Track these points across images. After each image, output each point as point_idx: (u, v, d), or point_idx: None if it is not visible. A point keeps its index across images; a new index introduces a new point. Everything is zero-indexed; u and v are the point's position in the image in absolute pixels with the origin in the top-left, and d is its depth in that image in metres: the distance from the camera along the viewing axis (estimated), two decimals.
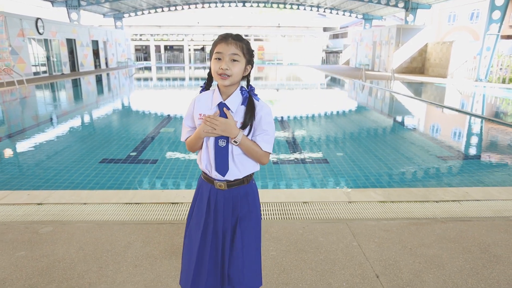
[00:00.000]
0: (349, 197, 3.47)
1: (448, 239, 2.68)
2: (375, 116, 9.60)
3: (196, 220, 1.65)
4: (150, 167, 4.77)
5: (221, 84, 1.52)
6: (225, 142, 1.53)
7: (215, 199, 1.60)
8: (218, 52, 1.47)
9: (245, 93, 1.55)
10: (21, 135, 6.66)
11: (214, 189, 1.60)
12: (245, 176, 1.60)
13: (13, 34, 16.71)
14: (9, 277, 2.21)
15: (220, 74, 1.47)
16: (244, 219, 1.62)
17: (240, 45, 1.49)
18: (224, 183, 1.57)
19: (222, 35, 1.51)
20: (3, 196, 3.43)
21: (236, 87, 1.56)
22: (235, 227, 1.60)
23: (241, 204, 1.61)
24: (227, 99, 1.54)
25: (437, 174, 4.70)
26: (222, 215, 1.60)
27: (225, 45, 1.47)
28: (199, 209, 1.65)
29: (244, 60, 1.50)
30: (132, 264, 2.35)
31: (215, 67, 1.48)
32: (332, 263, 2.39)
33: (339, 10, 31.25)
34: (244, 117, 1.52)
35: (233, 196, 1.60)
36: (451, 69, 20.00)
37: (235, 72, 1.48)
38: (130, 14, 31.22)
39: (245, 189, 1.62)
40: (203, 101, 1.59)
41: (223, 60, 1.46)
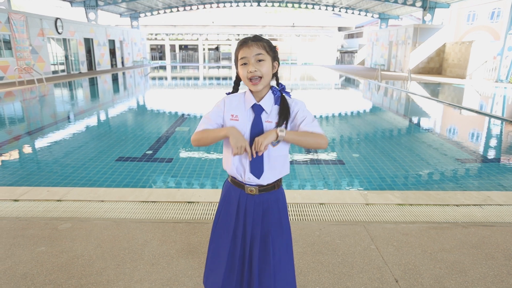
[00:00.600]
0: (366, 199, 3.41)
1: (470, 245, 2.61)
2: (391, 117, 9.45)
3: (225, 225, 1.61)
4: (165, 165, 4.80)
5: (254, 90, 1.49)
6: None
7: (245, 205, 1.56)
8: (243, 57, 1.45)
9: (277, 92, 1.53)
10: (40, 133, 6.80)
11: (244, 194, 1.56)
12: (276, 180, 1.57)
13: (34, 33, 17.12)
14: (30, 271, 2.25)
15: (251, 79, 1.45)
16: (275, 226, 1.58)
17: (262, 44, 1.46)
18: (256, 188, 1.53)
19: (241, 41, 1.48)
20: (24, 192, 3.51)
21: (268, 88, 1.53)
22: (266, 233, 1.57)
23: (272, 210, 1.58)
24: (260, 101, 1.51)
25: (457, 177, 4.59)
26: (251, 221, 1.56)
27: (247, 48, 1.45)
28: (228, 215, 1.61)
29: (270, 57, 1.48)
30: (149, 263, 2.36)
31: (243, 72, 1.46)
32: (350, 266, 2.35)
33: (354, 10, 30.92)
34: (279, 116, 1.48)
35: (264, 202, 1.56)
36: (470, 70, 19.54)
37: (264, 71, 1.45)
38: (146, 13, 31.62)
39: (275, 195, 1.59)
40: (234, 102, 1.55)
41: (249, 63, 1.44)
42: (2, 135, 6.66)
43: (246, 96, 1.53)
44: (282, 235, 1.60)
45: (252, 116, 1.50)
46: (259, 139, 1.41)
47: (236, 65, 1.52)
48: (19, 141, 6.22)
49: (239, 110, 1.52)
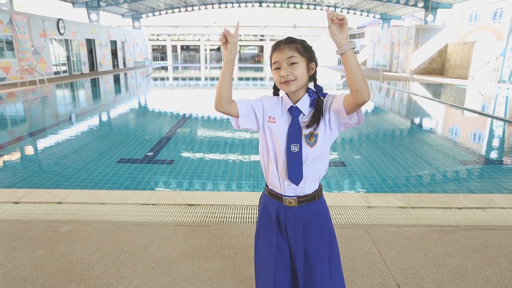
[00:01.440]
0: (368, 202, 3.39)
1: (473, 249, 2.58)
2: (393, 118, 9.42)
3: (266, 243, 1.51)
4: (166, 167, 4.79)
5: (288, 91, 1.43)
6: (298, 147, 1.41)
7: (284, 218, 1.47)
8: (275, 62, 1.41)
9: (313, 94, 1.45)
10: (42, 134, 6.81)
11: (282, 207, 1.47)
12: (317, 188, 1.49)
13: (36, 34, 17.16)
14: (29, 275, 2.24)
15: (283, 82, 1.40)
16: (316, 237, 1.48)
17: (294, 47, 1.39)
18: (295, 200, 1.45)
19: (274, 44, 1.44)
20: (25, 194, 3.50)
21: (304, 91, 1.45)
22: (308, 248, 1.47)
23: (313, 222, 1.48)
24: (298, 103, 1.45)
25: (459, 180, 4.56)
26: (293, 235, 1.47)
27: (278, 52, 1.40)
28: (267, 230, 1.52)
29: (303, 59, 1.40)
30: (149, 266, 2.35)
31: (276, 77, 1.42)
32: (352, 271, 2.33)
33: (356, 10, 30.88)
34: (311, 118, 1.42)
35: (304, 214, 1.47)
36: (472, 70, 19.47)
37: (298, 74, 1.39)
38: (148, 14, 31.67)
39: (316, 205, 1.49)
40: (273, 103, 1.50)
41: (282, 67, 1.40)
42: (4, 136, 6.66)
43: (284, 100, 1.48)
44: (324, 248, 1.48)
45: (289, 118, 1.44)
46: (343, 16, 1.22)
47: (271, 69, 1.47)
48: (21, 142, 6.22)
49: (276, 113, 1.47)
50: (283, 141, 1.42)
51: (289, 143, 1.42)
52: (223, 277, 2.25)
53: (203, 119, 8.56)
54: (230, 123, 8.04)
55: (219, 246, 2.60)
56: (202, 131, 7.22)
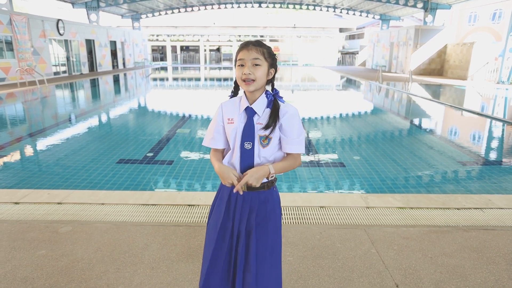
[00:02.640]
0: (367, 202, 3.40)
1: (471, 249, 2.60)
2: (392, 118, 9.44)
3: (214, 221, 1.67)
4: (166, 168, 4.80)
5: (246, 90, 1.56)
6: (251, 145, 1.55)
7: (235, 201, 1.62)
8: (241, 59, 1.53)
9: (270, 96, 1.59)
10: (42, 134, 6.82)
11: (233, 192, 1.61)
12: (266, 181, 1.60)
13: (35, 35, 17.17)
14: (30, 275, 2.25)
15: (244, 80, 1.52)
16: (259, 226, 1.60)
17: (261, 50, 1.53)
18: (244, 186, 1.57)
19: (243, 43, 1.56)
20: (25, 194, 3.51)
21: (261, 92, 1.59)
22: (250, 232, 1.60)
23: (259, 209, 1.61)
24: (253, 104, 1.58)
25: (458, 180, 4.58)
26: (239, 217, 1.61)
27: (246, 51, 1.52)
28: (218, 210, 1.66)
29: (266, 63, 1.54)
30: (149, 267, 2.36)
31: (238, 73, 1.54)
32: (350, 271, 2.34)
33: (356, 11, 30.92)
34: (268, 119, 1.55)
35: (251, 200, 1.60)
36: (472, 71, 19.52)
37: (258, 76, 1.51)
38: (148, 15, 31.68)
39: (264, 195, 1.62)
40: (230, 106, 1.63)
41: (246, 65, 1.52)
42: (4, 137, 6.67)
43: (242, 100, 1.60)
44: (267, 237, 1.60)
45: (245, 118, 1.57)
46: (251, 178, 1.51)
47: (234, 66, 1.59)
48: (21, 143, 6.23)
49: (234, 113, 1.60)
50: (238, 138, 1.57)
51: (242, 141, 1.56)
52: None
53: (202, 120, 8.57)
54: None
55: None
56: (201, 131, 7.23)
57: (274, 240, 1.64)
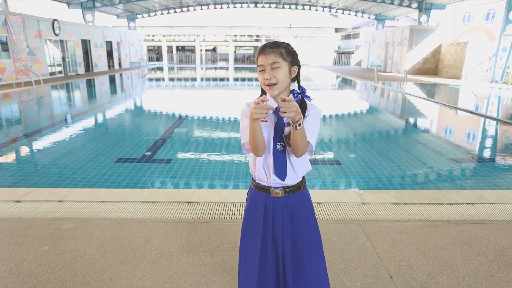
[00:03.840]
0: (362, 199, 3.49)
1: (462, 242, 2.69)
2: (388, 117, 9.56)
3: (252, 232, 1.62)
4: (164, 166, 4.86)
5: (271, 95, 1.55)
6: (283, 146, 1.54)
7: (272, 208, 1.58)
8: (260, 65, 1.52)
9: (297, 95, 1.57)
10: (39, 134, 6.84)
11: (270, 198, 1.58)
12: (300, 180, 1.61)
13: (31, 35, 17.12)
14: (34, 270, 2.30)
15: (267, 85, 1.51)
16: (304, 227, 1.60)
17: (278, 52, 1.50)
18: (281, 190, 1.57)
19: (260, 47, 1.54)
20: (26, 193, 3.56)
21: (287, 93, 1.57)
22: (296, 236, 1.59)
23: (299, 211, 1.60)
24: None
25: (451, 177, 4.68)
26: (280, 224, 1.58)
27: (264, 56, 1.50)
28: (255, 221, 1.62)
29: (286, 63, 1.52)
30: (150, 261, 2.42)
31: (261, 79, 1.53)
32: (346, 263, 2.42)
33: (351, 11, 31.09)
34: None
35: (291, 203, 1.59)
36: (466, 71, 19.72)
37: (280, 78, 1.49)
38: (143, 15, 31.63)
39: (301, 195, 1.63)
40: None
41: (266, 70, 1.50)
42: (1, 137, 6.69)
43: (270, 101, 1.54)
44: (311, 235, 1.62)
45: (275, 119, 1.55)
46: (291, 99, 1.36)
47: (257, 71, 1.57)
48: (19, 143, 6.26)
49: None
50: (270, 139, 1.54)
51: (275, 142, 1.54)
52: (222, 270, 2.33)
53: (199, 119, 8.63)
54: (226, 123, 8.13)
55: (218, 241, 2.68)
56: (198, 131, 7.29)
57: (317, 236, 1.66)
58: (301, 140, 1.44)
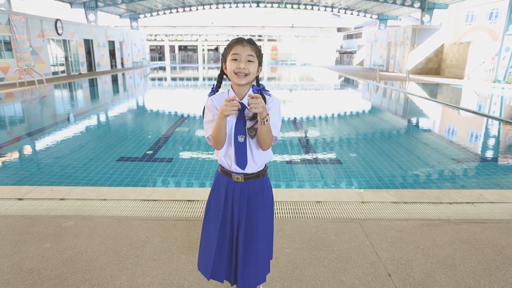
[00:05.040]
0: (362, 198, 3.50)
1: (461, 241, 2.69)
2: (389, 117, 9.55)
3: (214, 211, 1.78)
4: (166, 165, 4.88)
5: (237, 83, 1.62)
6: (244, 138, 1.66)
7: (232, 191, 1.73)
8: (235, 54, 1.59)
9: (256, 90, 1.68)
10: (42, 133, 6.88)
11: (231, 182, 1.72)
12: (261, 169, 1.74)
13: (34, 35, 17.20)
14: (36, 267, 2.33)
15: (237, 73, 1.59)
16: (259, 212, 1.75)
17: (254, 48, 1.62)
18: (241, 176, 1.70)
19: (236, 39, 1.63)
20: (28, 191, 3.59)
21: (249, 87, 1.69)
22: (251, 219, 1.73)
23: (256, 197, 1.74)
24: (242, 99, 1.66)
25: (452, 176, 4.68)
26: (238, 207, 1.73)
27: (241, 47, 1.59)
28: (217, 201, 1.77)
29: (257, 61, 1.64)
30: (150, 258, 2.44)
31: (232, 67, 1.60)
32: (345, 261, 2.43)
33: (353, 10, 31.05)
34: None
35: (249, 189, 1.73)
36: (468, 70, 19.66)
37: (251, 71, 1.60)
38: (146, 14, 31.70)
39: (260, 183, 1.75)
40: (221, 100, 1.66)
41: (240, 60, 1.58)
42: (4, 136, 6.74)
43: (230, 95, 1.66)
44: (265, 220, 1.77)
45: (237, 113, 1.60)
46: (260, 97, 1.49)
47: (224, 59, 1.64)
48: (21, 141, 6.30)
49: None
50: (231, 133, 1.66)
51: (236, 134, 1.65)
52: None
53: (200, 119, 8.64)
54: None
55: None
56: (200, 130, 7.31)
57: (270, 224, 1.81)
58: (267, 134, 1.59)
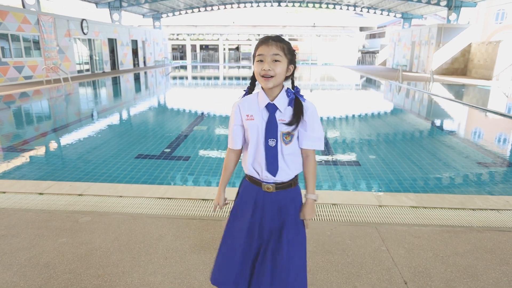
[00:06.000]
0: (380, 201, 3.40)
1: (484, 249, 2.57)
2: (412, 119, 9.28)
3: (241, 222, 1.65)
4: (182, 163, 4.91)
5: (264, 87, 1.54)
6: (275, 142, 1.54)
7: (263, 202, 1.60)
8: (260, 54, 1.50)
9: (291, 94, 1.56)
10: (65, 130, 7.09)
11: (261, 192, 1.60)
12: (293, 177, 1.61)
13: (61, 34, 17.76)
14: (52, 261, 2.38)
15: (263, 76, 1.50)
16: (290, 224, 1.61)
17: (281, 46, 1.50)
18: (273, 186, 1.58)
19: (262, 38, 1.53)
20: (49, 186, 3.69)
21: (280, 89, 1.57)
22: (281, 231, 1.59)
23: (288, 208, 1.62)
24: (274, 100, 1.55)
25: (476, 182, 4.48)
26: (269, 218, 1.60)
27: (265, 47, 1.49)
28: (244, 212, 1.64)
29: (286, 60, 1.51)
30: (162, 256, 2.45)
31: (257, 69, 1.51)
32: (359, 267, 2.36)
33: (377, 9, 30.43)
34: (292, 117, 1.54)
35: (280, 199, 1.60)
36: (497, 71, 18.89)
37: (278, 72, 1.49)
38: (168, 14, 32.18)
39: (292, 193, 1.63)
40: (247, 103, 1.60)
41: (265, 61, 1.49)
42: (30, 132, 6.97)
43: (260, 96, 1.57)
44: (297, 233, 1.62)
45: (266, 114, 1.54)
46: (310, 216, 1.63)
47: (253, 61, 1.56)
48: (45, 137, 6.50)
49: (253, 110, 1.57)
50: (261, 136, 1.55)
51: (266, 138, 1.54)
52: None
53: (220, 117, 8.68)
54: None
55: None
56: (218, 129, 7.34)
57: (303, 235, 1.65)
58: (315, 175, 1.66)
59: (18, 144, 5.91)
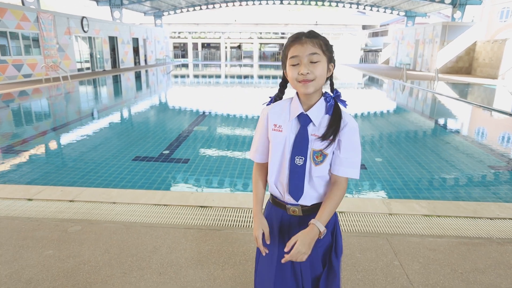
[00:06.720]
0: (390, 209, 3.19)
1: (507, 265, 2.35)
2: (417, 119, 9.05)
3: (267, 255, 1.40)
4: (181, 166, 4.72)
5: (303, 93, 1.26)
6: (303, 160, 1.27)
7: (288, 227, 1.36)
8: (294, 57, 1.23)
9: (330, 99, 1.29)
10: (62, 130, 6.89)
11: (286, 215, 1.37)
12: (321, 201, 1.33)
13: (61, 32, 17.57)
14: (35, 276, 2.18)
15: (301, 81, 1.23)
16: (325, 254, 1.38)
17: (318, 42, 1.23)
18: (299, 208, 1.33)
19: (293, 36, 1.26)
20: (39, 191, 3.49)
21: (319, 95, 1.30)
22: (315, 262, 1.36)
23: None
24: (309, 110, 1.28)
25: (490, 187, 4.26)
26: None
27: (300, 46, 1.23)
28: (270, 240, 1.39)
29: (325, 58, 1.25)
30: (156, 272, 2.25)
31: (293, 74, 1.24)
32: (371, 284, 2.16)
33: (380, 7, 30.12)
34: (327, 129, 1.26)
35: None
36: (503, 70, 18.60)
37: (318, 74, 1.22)
38: (170, 12, 31.95)
39: None
40: (278, 110, 1.34)
41: (301, 63, 1.22)
42: (26, 131, 6.78)
43: (293, 104, 1.31)
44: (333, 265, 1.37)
45: (297, 126, 1.29)
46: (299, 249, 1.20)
47: (283, 65, 1.30)
48: (40, 138, 6.31)
49: (283, 120, 1.31)
50: (287, 151, 1.29)
51: (293, 155, 1.28)
52: (233, 286, 2.13)
53: (221, 117, 8.48)
54: (248, 122, 7.93)
55: (230, 252, 2.47)
56: (219, 129, 7.13)
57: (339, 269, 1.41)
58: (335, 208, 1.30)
59: (14, 144, 5.72)
